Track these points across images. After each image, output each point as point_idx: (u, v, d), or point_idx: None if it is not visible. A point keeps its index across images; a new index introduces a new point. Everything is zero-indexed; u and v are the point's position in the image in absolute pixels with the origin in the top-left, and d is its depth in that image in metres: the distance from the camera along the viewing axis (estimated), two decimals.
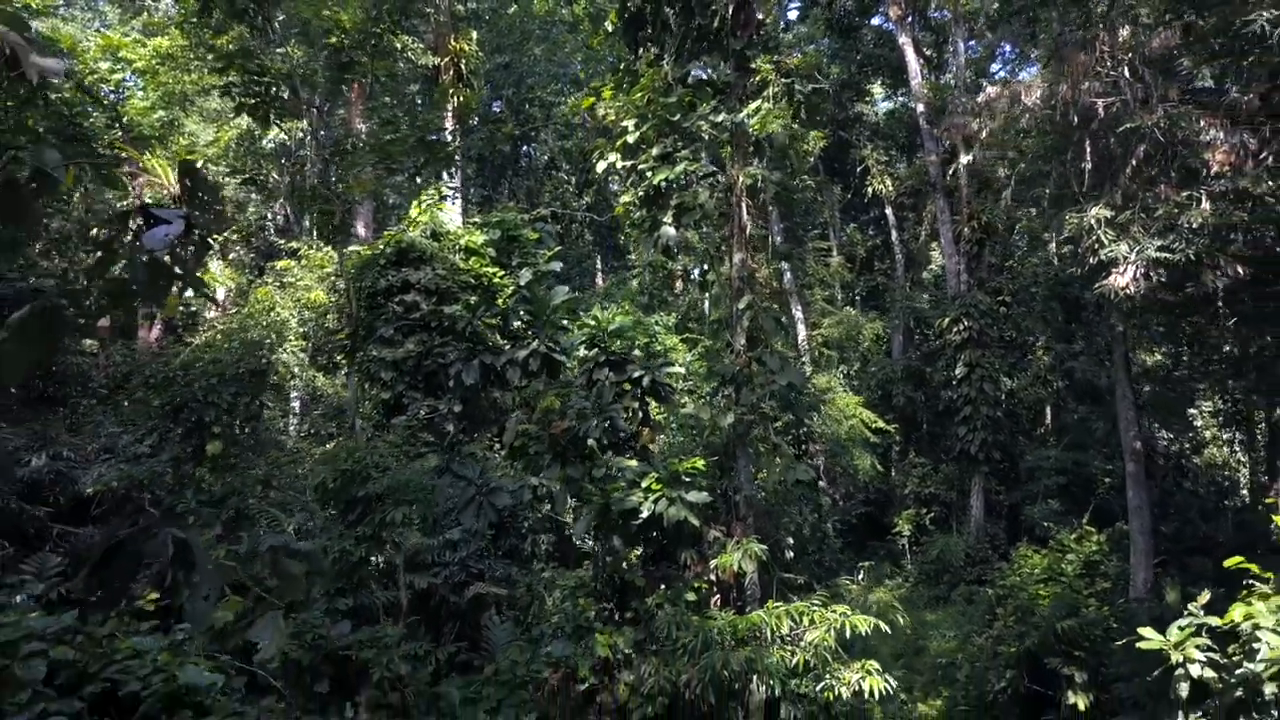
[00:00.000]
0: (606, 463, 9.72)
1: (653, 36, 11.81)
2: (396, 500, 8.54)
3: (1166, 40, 8.98)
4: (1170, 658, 7.16)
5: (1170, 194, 8.93)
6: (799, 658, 9.16)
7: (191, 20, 19.39)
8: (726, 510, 10.88)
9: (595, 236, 35.96)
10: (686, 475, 9.48)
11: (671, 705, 9.52)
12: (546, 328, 12.26)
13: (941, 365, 27.77)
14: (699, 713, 9.94)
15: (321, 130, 11.89)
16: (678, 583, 9.92)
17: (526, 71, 27.97)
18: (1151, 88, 8.92)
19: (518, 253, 15.93)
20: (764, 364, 10.50)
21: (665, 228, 10.41)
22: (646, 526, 9.63)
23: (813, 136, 19.20)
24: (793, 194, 23.76)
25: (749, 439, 10.53)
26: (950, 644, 19.54)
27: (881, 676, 10.18)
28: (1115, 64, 9.18)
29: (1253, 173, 8.27)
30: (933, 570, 26.01)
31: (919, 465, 29.66)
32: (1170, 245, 8.68)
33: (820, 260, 29.06)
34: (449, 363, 14.74)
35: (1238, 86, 8.61)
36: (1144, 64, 9.00)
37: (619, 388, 10.55)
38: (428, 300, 15.28)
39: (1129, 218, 9.12)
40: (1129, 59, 9.10)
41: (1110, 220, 9.15)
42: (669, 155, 10.30)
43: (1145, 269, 8.79)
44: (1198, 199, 8.60)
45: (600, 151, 11.31)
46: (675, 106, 10.46)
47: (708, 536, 10.33)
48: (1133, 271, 8.85)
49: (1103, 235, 9.07)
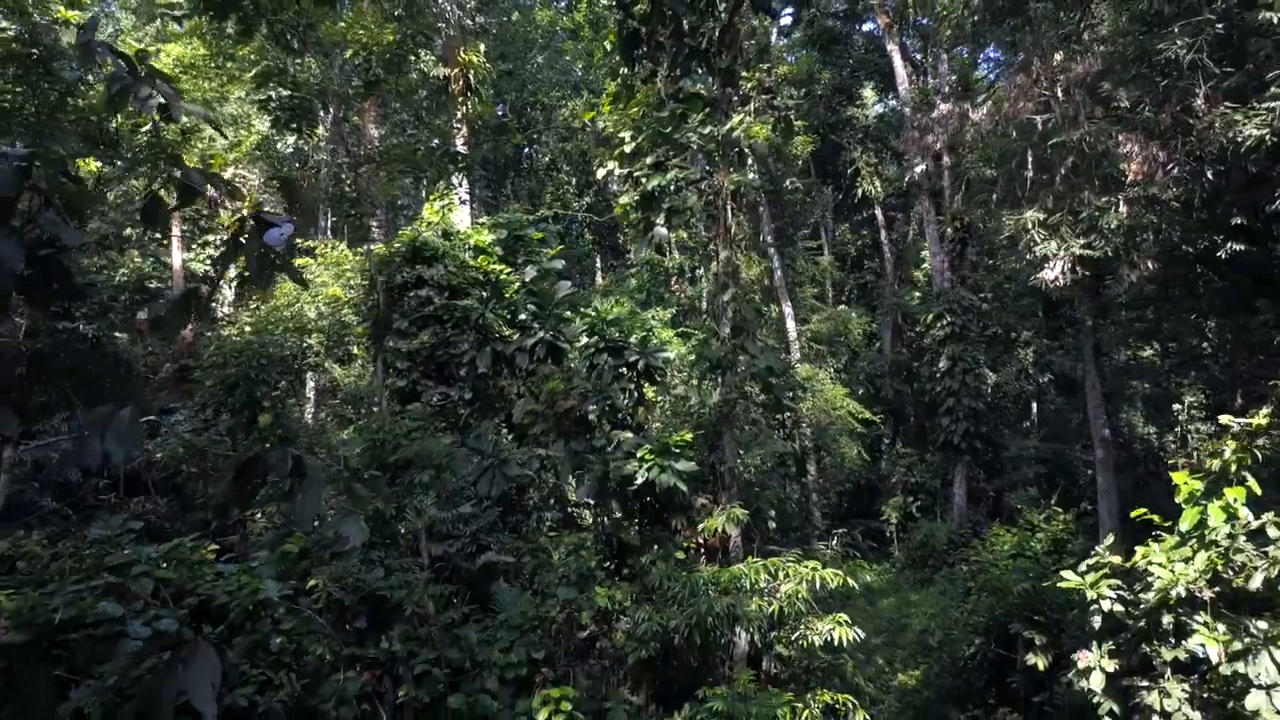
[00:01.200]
0: (606, 435, 10.96)
1: (647, 54, 13.04)
2: (421, 465, 9.76)
3: (1090, 65, 10.19)
4: (1087, 595, 8.39)
5: (1093, 199, 10.14)
6: (775, 607, 10.39)
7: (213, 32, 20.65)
8: (713, 482, 12.13)
9: (595, 236, 37.20)
10: (676, 447, 10.72)
11: (664, 649, 10.77)
12: (551, 319, 13.50)
13: (927, 359, 29.01)
14: (687, 656, 11.21)
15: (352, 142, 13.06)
16: (669, 544, 11.17)
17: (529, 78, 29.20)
18: (1079, 107, 10.15)
19: (523, 251, 17.18)
20: (746, 350, 11.74)
21: (658, 228, 11.65)
22: (641, 492, 10.88)
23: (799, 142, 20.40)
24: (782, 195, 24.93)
25: (733, 417, 11.76)
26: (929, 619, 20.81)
27: (851, 628, 11.46)
28: (1050, 85, 10.40)
29: (1162, 181, 9.48)
30: (918, 555, 27.31)
31: (906, 455, 30.93)
32: (1092, 244, 9.90)
33: (810, 259, 30.26)
34: (460, 353, 15.98)
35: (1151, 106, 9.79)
36: (1073, 86, 10.24)
37: (617, 371, 11.79)
38: (440, 295, 16.51)
39: (1058, 220, 10.35)
40: (1061, 81, 10.33)
41: (1042, 222, 10.38)
42: (661, 164, 11.54)
43: (1071, 264, 10.01)
44: (1116, 204, 9.81)
45: (600, 160, 12.53)
46: (667, 120, 11.71)
47: (696, 504, 11.58)
48: (1060, 266, 10.07)
49: (1036, 235, 10.30)
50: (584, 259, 35.82)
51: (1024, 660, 15.70)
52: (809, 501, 21.60)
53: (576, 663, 10.43)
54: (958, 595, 19.30)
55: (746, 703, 10.04)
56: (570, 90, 31.56)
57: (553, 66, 30.23)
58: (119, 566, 6.36)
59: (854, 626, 11.52)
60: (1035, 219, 10.17)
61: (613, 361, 11.78)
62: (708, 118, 12.28)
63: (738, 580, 10.34)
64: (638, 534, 11.21)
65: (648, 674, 10.88)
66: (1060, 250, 10.03)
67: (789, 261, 28.16)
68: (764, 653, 12.18)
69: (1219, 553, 7.74)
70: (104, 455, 4.01)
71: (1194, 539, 7.98)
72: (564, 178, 35.50)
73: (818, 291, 31.42)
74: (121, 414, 4.05)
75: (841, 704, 11.83)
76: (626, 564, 11.14)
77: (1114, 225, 9.62)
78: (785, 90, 22.33)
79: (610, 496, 10.76)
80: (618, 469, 10.58)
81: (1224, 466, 7.85)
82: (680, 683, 11.02)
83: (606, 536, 11.21)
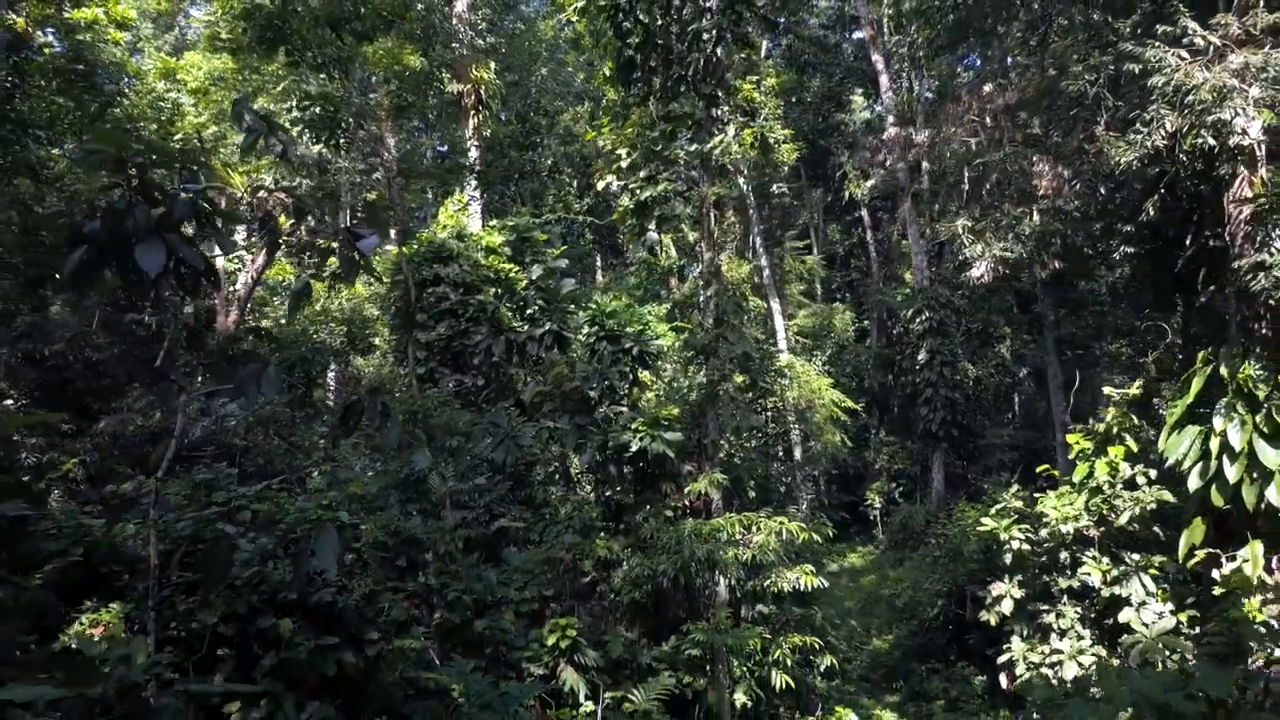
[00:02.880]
0: (606, 411, 12.77)
1: (641, 79, 14.88)
2: (448, 433, 11.56)
3: (1010, 99, 11.96)
4: (1000, 537, 10.14)
5: (1011, 209, 11.92)
6: (749, 554, 12.23)
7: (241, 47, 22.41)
8: (698, 453, 13.97)
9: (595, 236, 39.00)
10: (665, 420, 12.56)
11: (655, 594, 12.60)
12: (557, 312, 15.32)
13: (908, 353, 30.80)
14: (675, 599, 13.07)
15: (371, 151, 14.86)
16: (659, 504, 13.01)
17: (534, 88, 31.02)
18: (1003, 132, 11.91)
19: (529, 251, 19.00)
20: (726, 338, 13.57)
21: (650, 233, 13.47)
22: (635, 459, 12.71)
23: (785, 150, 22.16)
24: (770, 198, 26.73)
25: (716, 396, 13.60)
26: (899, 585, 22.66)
27: (816, 577, 13.31)
28: (980, 113, 12.17)
29: (1067, 195, 11.25)
30: (899, 537, 29.14)
31: (889, 444, 32.77)
32: (1009, 247, 11.68)
33: (797, 257, 32.08)
34: (474, 343, 17.80)
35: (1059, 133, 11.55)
36: (998, 114, 12.01)
37: (615, 356, 13.61)
38: (455, 291, 18.32)
39: (983, 226, 12.13)
40: (988, 110, 12.10)
41: (970, 228, 12.15)
42: (653, 177, 13.35)
43: (993, 264, 11.80)
44: (1030, 213, 11.57)
45: (600, 173, 14.34)
46: (658, 139, 13.53)
47: (682, 470, 13.42)
48: (984, 266, 11.85)
49: (965, 239, 12.09)
50: (585, 258, 37.62)
51: (978, 617, 17.61)
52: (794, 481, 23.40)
53: (580, 602, 12.27)
54: (927, 567, 21.17)
55: (723, 635, 11.89)
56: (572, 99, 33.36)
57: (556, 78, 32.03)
58: (224, 500, 8.20)
59: (819, 576, 13.40)
60: (965, 225, 11.93)
61: (611, 348, 13.60)
62: (694, 136, 14.11)
63: (717, 532, 12.17)
64: (632, 495, 13.05)
65: (641, 614, 12.74)
66: (984, 252, 11.81)
67: (777, 260, 29.96)
68: (742, 602, 14.05)
69: (1102, 499, 9.50)
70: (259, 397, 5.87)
71: (1084, 488, 9.74)
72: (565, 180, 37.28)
73: (805, 289, 33.23)
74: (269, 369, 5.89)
75: (809, 644, 13.71)
76: (622, 521, 12.98)
77: (1028, 231, 11.39)
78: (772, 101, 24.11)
79: (608, 463, 12.59)
80: (615, 438, 12.42)
81: (1107, 428, 9.60)
82: (669, 622, 12.88)
83: (605, 498, 13.05)
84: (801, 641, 13.50)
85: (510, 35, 27.46)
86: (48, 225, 11.24)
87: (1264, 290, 8.20)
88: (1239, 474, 8.37)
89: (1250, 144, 8.38)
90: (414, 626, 9.97)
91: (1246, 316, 8.95)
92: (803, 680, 14.92)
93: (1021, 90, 11.22)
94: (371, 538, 10.31)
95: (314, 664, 7.64)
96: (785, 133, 22.88)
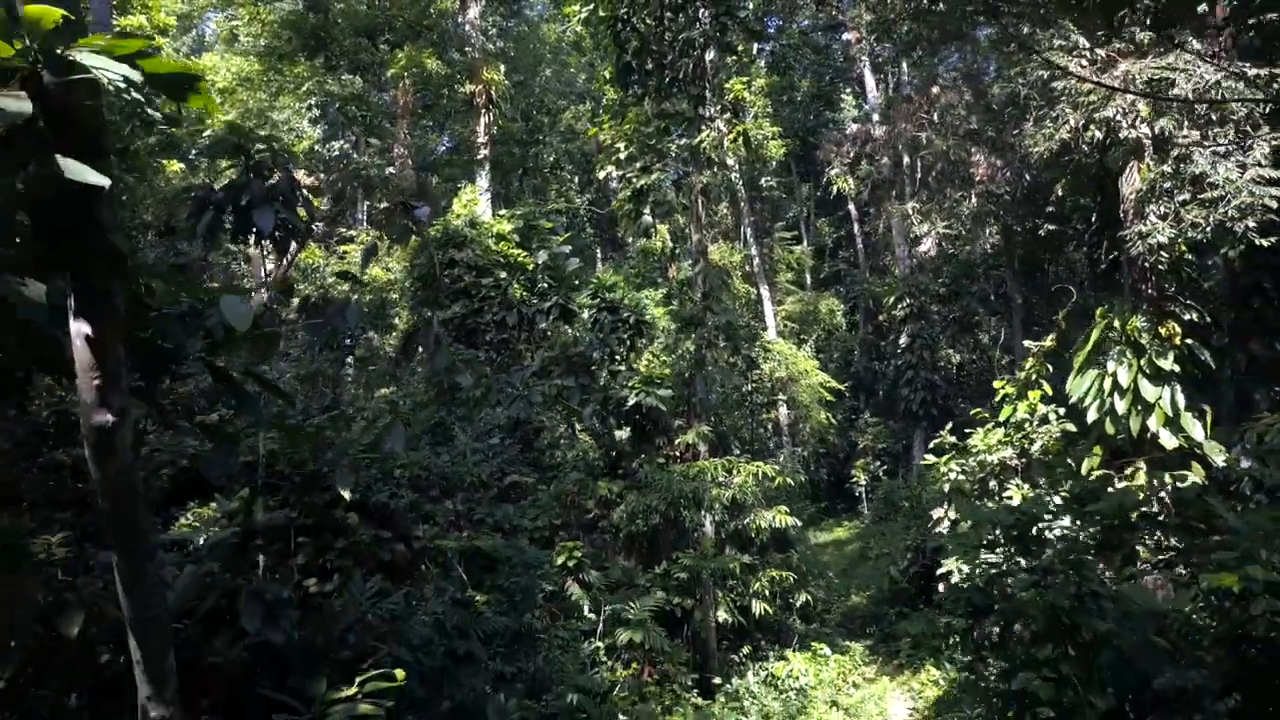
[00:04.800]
0: (606, 372, 14.67)
1: (638, 81, 16.80)
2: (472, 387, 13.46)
3: (952, 98, 13.82)
4: (940, 469, 12.02)
5: (953, 193, 13.81)
6: (730, 493, 14.14)
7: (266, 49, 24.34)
8: (688, 411, 15.88)
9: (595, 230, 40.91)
10: (657, 379, 14.48)
11: (650, 531, 14.51)
12: (562, 287, 17.24)
13: (891, 338, 32.71)
14: (667, 537, 14.97)
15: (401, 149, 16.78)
16: (652, 452, 14.92)
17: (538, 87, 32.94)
18: (947, 127, 13.78)
19: (536, 238, 20.91)
20: (713, 309, 15.48)
21: (645, 217, 15.38)
22: (631, 413, 14.62)
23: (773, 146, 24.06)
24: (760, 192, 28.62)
25: (703, 360, 15.52)
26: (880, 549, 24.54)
27: (790, 516, 15.23)
28: (928, 110, 14.03)
29: (999, 181, 13.14)
30: (883, 510, 31.01)
31: (874, 424, 34.68)
32: (951, 225, 13.56)
33: (786, 247, 34.01)
34: (486, 321, 19.72)
35: (994, 128, 13.41)
36: (943, 112, 13.88)
37: (614, 325, 15.53)
38: (469, 274, 20.23)
39: (929, 208, 14.02)
40: (935, 108, 13.96)
41: (918, 209, 14.03)
42: (648, 167, 15.28)
43: (938, 241, 13.63)
44: (968, 197, 13.46)
45: (601, 164, 16.23)
46: (653, 134, 15.45)
47: (673, 425, 15.33)
48: (930, 242, 13.69)
49: (914, 219, 13.94)
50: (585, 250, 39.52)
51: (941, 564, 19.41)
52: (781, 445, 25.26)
53: (584, 534, 14.18)
54: (900, 530, 23.06)
55: (707, 561, 13.82)
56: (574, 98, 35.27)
57: (559, 78, 33.94)
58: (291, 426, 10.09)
59: (792, 515, 15.31)
60: (914, 207, 13.77)
61: (611, 318, 15.51)
62: (685, 131, 16.03)
63: (702, 473, 14.09)
64: (629, 446, 14.96)
65: (637, 547, 14.66)
66: (929, 230, 13.67)
67: (767, 250, 31.89)
68: (726, 543, 15.96)
69: (1022, 435, 11.36)
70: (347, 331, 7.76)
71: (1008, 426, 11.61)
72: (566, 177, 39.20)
73: (793, 277, 35.16)
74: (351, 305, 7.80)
75: (785, 579, 15.62)
76: (620, 467, 14.89)
77: (967, 212, 13.24)
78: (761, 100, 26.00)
79: (608, 415, 14.51)
80: (614, 394, 14.33)
81: (1027, 376, 11.45)
82: (661, 554, 14.79)
83: (605, 448, 14.96)
84: (779, 575, 15.42)
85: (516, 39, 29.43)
86: (175, 198, 12.93)
87: (1141, 255, 10.04)
88: (1126, 408, 10.19)
89: (1137, 136, 10.24)
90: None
91: (1136, 279, 10.79)
92: (783, 622, 16.86)
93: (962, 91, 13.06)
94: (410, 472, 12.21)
95: (373, 551, 9.63)
96: (773, 130, 24.80)
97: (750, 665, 15.06)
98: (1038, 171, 12.66)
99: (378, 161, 21.10)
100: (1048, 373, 11.27)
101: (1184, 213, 9.55)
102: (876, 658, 17.48)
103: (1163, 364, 10.17)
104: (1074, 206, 12.34)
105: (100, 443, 2.53)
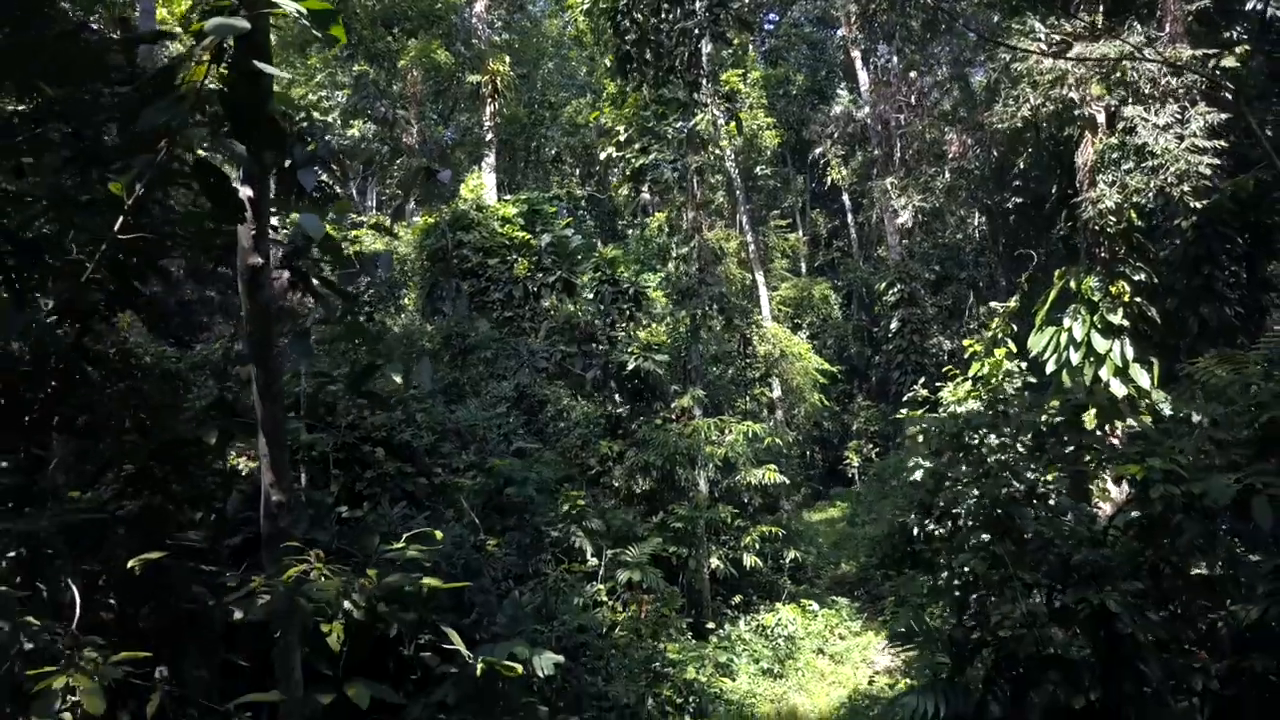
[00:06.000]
0: (607, 338, 15.75)
1: (636, 69, 17.89)
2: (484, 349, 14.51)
3: (928, 82, 14.85)
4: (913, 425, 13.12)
5: (928, 170, 14.85)
6: (722, 450, 15.21)
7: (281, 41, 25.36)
8: (683, 378, 16.96)
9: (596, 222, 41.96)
10: (654, 345, 15.56)
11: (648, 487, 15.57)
12: (566, 262, 18.33)
13: (883, 324, 33.76)
14: (665, 494, 16.03)
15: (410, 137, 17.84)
16: (650, 415, 16.00)
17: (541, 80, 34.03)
18: (923, 109, 14.80)
19: (540, 222, 21.99)
20: (706, 281, 16.55)
21: (643, 194, 16.45)
22: (630, 377, 15.70)
23: (766, 135, 25.13)
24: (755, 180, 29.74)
25: (697, 330, 16.59)
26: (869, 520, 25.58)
27: (780, 473, 16.30)
28: (906, 93, 15.07)
29: (969, 158, 14.20)
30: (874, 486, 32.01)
31: (866, 407, 35.76)
32: (927, 199, 14.60)
33: (781, 235, 35.13)
34: (492, 300, 20.80)
35: (966, 109, 14.43)
36: (920, 94, 14.92)
37: (614, 296, 16.61)
38: (476, 255, 21.31)
39: (906, 184, 15.08)
40: (914, 90, 15.00)
41: (896, 184, 15.09)
42: (646, 149, 16.36)
43: (914, 213, 14.69)
44: (942, 172, 14.51)
45: (602, 146, 17.33)
46: (650, 118, 16.54)
47: (670, 390, 16.40)
48: (907, 215, 14.74)
49: (893, 193, 14.99)
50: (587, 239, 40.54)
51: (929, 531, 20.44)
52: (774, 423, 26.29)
53: (587, 489, 15.23)
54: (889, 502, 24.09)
55: (701, 511, 14.89)
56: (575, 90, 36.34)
57: (561, 71, 35.05)
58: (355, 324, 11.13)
59: (782, 474, 16.38)
60: (892, 183, 14.82)
61: (611, 290, 16.59)
62: (680, 115, 17.11)
63: (696, 432, 15.15)
64: (628, 408, 16.04)
65: (636, 501, 15.72)
66: (906, 204, 14.71)
67: (762, 238, 32.94)
68: (720, 500, 17.02)
69: (989, 388, 12.40)
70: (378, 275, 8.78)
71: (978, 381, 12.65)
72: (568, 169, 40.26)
73: (788, 264, 36.26)
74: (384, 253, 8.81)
75: (774, 534, 16.67)
76: (620, 427, 15.96)
77: (941, 187, 14.29)
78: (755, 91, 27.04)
79: (609, 379, 15.58)
80: (615, 359, 15.40)
81: (993, 335, 12.49)
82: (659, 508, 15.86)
83: (606, 411, 16.05)
84: (769, 530, 16.50)
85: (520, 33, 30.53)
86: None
87: (1092, 219, 11.07)
88: (1080, 359, 11.21)
89: (1091, 113, 11.29)
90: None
91: (1089, 243, 11.83)
92: (774, 581, 17.93)
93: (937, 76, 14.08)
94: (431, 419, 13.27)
95: (398, 483, 10.72)
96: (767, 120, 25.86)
97: (741, 615, 16.15)
98: (1006, 148, 13.71)
99: (387, 147, 22.14)
100: (1012, 332, 12.32)
101: (1129, 180, 10.59)
102: (863, 615, 18.55)
103: (1113, 319, 11.21)
104: (1036, 179, 13.36)
105: (252, 279, 3.54)
